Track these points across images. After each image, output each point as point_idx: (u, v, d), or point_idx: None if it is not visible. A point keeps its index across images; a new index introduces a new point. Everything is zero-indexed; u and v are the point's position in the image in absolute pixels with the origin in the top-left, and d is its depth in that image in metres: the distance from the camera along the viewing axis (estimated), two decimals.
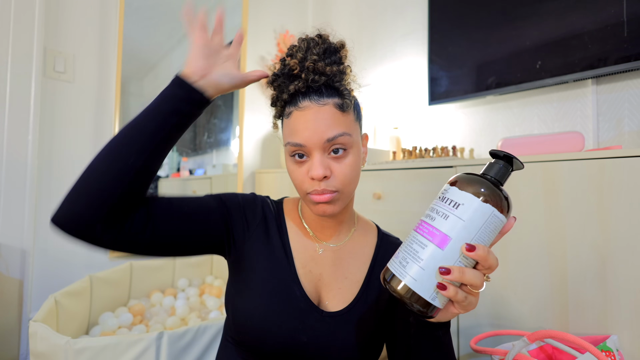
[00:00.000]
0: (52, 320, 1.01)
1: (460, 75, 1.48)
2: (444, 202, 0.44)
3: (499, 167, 0.45)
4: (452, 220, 0.42)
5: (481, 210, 0.42)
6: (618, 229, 0.83)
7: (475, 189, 0.43)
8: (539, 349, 0.88)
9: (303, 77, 0.58)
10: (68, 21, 1.41)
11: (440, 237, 0.42)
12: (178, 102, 0.56)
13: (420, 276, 0.43)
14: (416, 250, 0.44)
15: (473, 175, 0.45)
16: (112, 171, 0.51)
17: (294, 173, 0.60)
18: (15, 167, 1.24)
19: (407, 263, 0.44)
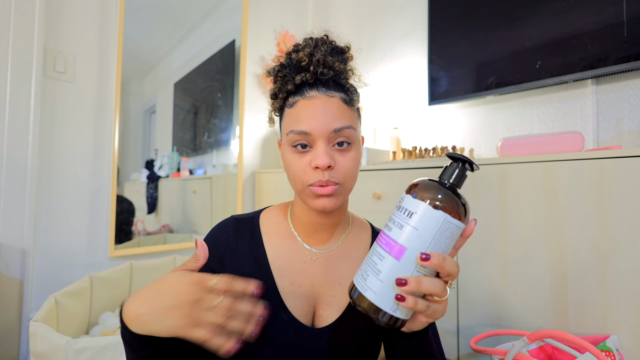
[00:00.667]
0: (52, 320, 1.01)
1: (460, 75, 1.48)
2: (400, 211, 0.44)
3: (453, 170, 0.44)
4: (406, 230, 0.42)
5: (434, 218, 0.41)
6: (618, 228, 0.83)
7: (427, 195, 0.42)
8: (538, 348, 0.88)
9: (312, 70, 0.59)
10: (68, 21, 1.41)
11: (397, 248, 0.42)
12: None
13: (380, 289, 0.42)
14: (375, 262, 0.43)
15: (427, 181, 0.44)
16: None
17: (294, 164, 0.58)
18: (15, 167, 1.24)
19: (368, 276, 0.44)
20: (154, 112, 1.70)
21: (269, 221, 0.67)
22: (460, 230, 0.42)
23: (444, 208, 0.41)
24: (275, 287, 0.61)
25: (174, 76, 1.76)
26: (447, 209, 0.41)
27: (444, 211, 0.41)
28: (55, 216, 1.38)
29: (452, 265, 0.41)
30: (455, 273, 0.41)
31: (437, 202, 0.41)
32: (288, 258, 0.64)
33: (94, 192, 1.47)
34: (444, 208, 0.41)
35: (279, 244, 0.65)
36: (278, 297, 0.61)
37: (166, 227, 1.72)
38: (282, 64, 0.61)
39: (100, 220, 1.48)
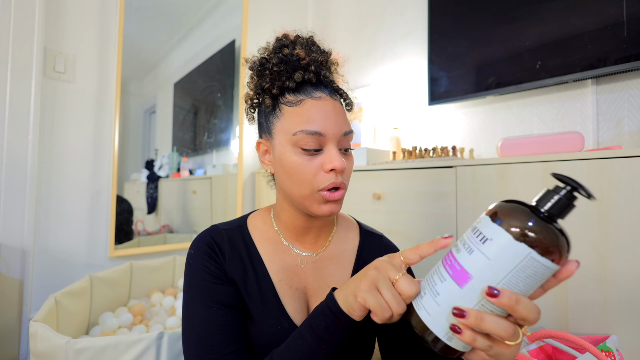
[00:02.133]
0: (52, 320, 1.01)
1: (460, 76, 1.48)
2: (473, 232, 0.37)
3: (557, 198, 0.35)
4: (476, 255, 0.35)
5: (512, 250, 0.33)
6: (618, 228, 0.83)
7: (510, 221, 0.34)
8: (538, 348, 0.88)
9: (313, 70, 0.57)
10: (68, 21, 1.41)
11: (461, 273, 0.36)
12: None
13: (435, 312, 0.37)
14: (435, 282, 0.38)
15: (516, 205, 0.36)
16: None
17: (303, 167, 0.55)
18: (15, 167, 1.24)
19: (425, 295, 0.39)
20: (154, 112, 1.70)
21: (256, 228, 0.66)
22: (550, 271, 0.34)
23: (530, 242, 0.33)
24: (275, 293, 0.61)
25: (174, 76, 1.76)
26: (534, 243, 0.33)
27: (530, 245, 0.33)
28: (55, 216, 1.38)
29: (529, 309, 0.34)
30: (532, 319, 0.34)
31: (520, 233, 0.33)
32: (282, 262, 0.63)
33: (94, 192, 1.47)
34: (530, 242, 0.33)
35: (271, 249, 0.64)
36: (279, 302, 0.60)
37: (166, 227, 1.72)
38: (280, 58, 0.58)
39: (100, 221, 1.48)
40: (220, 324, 0.55)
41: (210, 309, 0.56)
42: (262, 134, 0.64)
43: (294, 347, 0.48)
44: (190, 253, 0.61)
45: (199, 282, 0.58)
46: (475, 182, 1.08)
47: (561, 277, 0.35)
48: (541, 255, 0.33)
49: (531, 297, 0.36)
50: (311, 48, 0.60)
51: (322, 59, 0.59)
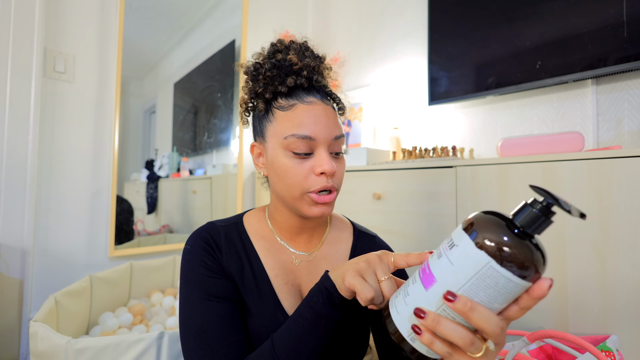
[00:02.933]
0: (52, 320, 1.01)
1: (460, 76, 1.48)
2: (447, 240, 0.37)
3: (532, 213, 0.33)
4: (443, 261, 0.36)
5: (473, 257, 0.33)
6: (618, 228, 0.83)
7: (478, 230, 0.34)
8: (538, 349, 0.88)
9: (305, 75, 0.59)
10: (68, 21, 1.41)
11: (428, 276, 0.37)
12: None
13: (402, 311, 0.39)
14: (408, 284, 0.40)
15: (489, 216, 0.35)
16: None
17: (293, 170, 0.57)
18: (15, 167, 1.24)
19: (398, 295, 0.41)
20: (154, 112, 1.70)
21: (252, 226, 0.67)
22: (519, 287, 0.33)
23: (490, 251, 0.33)
24: (272, 288, 0.62)
25: (174, 76, 1.76)
26: (496, 253, 0.33)
27: (489, 254, 0.33)
28: (55, 216, 1.38)
29: (486, 320, 0.33)
30: (491, 332, 0.33)
31: (483, 241, 0.33)
32: (277, 259, 0.64)
33: (94, 192, 1.47)
34: (491, 252, 0.33)
35: (267, 246, 0.65)
36: (275, 297, 0.61)
37: (166, 227, 1.72)
38: (273, 62, 0.60)
39: (100, 221, 1.48)
40: (220, 315, 0.56)
41: (209, 302, 0.57)
42: (256, 137, 0.65)
43: (294, 326, 0.50)
44: (186, 248, 0.62)
45: (196, 276, 0.59)
46: (475, 182, 1.08)
47: (534, 295, 0.34)
48: (503, 267, 0.32)
49: (505, 314, 0.35)
50: (304, 53, 0.61)
51: (314, 64, 0.60)
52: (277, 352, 0.50)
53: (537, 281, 0.33)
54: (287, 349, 0.49)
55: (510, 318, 0.36)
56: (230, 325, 0.56)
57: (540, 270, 0.33)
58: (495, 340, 0.35)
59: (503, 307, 0.35)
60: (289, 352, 0.49)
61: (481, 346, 0.35)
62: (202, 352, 0.53)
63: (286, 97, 0.59)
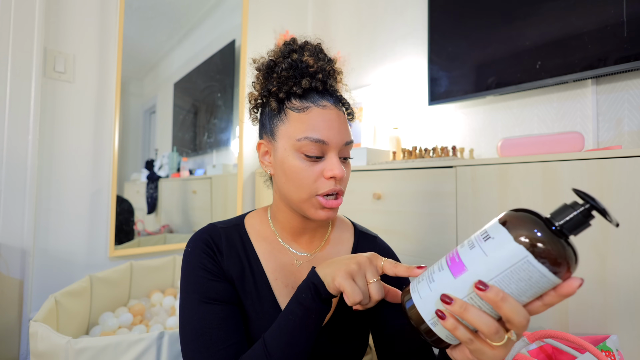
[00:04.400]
0: (52, 320, 1.01)
1: (460, 76, 1.48)
2: (480, 233, 0.38)
3: (572, 212, 0.35)
4: (475, 251, 0.37)
5: (510, 250, 0.34)
6: (618, 228, 0.83)
7: (516, 225, 0.35)
8: (538, 348, 0.88)
9: (320, 78, 0.59)
10: (68, 21, 1.41)
11: (458, 265, 0.38)
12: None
13: (426, 295, 0.40)
14: (433, 271, 0.41)
15: (527, 214, 0.36)
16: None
17: (304, 172, 0.57)
18: (15, 167, 1.24)
19: (422, 281, 0.42)
20: (154, 112, 1.70)
21: (254, 227, 0.67)
22: (550, 283, 0.34)
23: (529, 246, 0.34)
24: (271, 291, 0.62)
25: (174, 76, 1.76)
26: (534, 248, 0.34)
27: (527, 249, 0.34)
28: (55, 216, 1.38)
29: (516, 311, 0.34)
30: (518, 323, 0.34)
31: (522, 237, 0.34)
32: (278, 261, 0.64)
33: (94, 192, 1.47)
34: (530, 246, 0.34)
35: (268, 248, 0.65)
36: (275, 301, 0.61)
37: (166, 227, 1.72)
38: (290, 63, 0.59)
39: (100, 221, 1.48)
40: (219, 318, 0.56)
41: (208, 305, 0.57)
42: (264, 135, 0.64)
43: (285, 323, 0.51)
44: (187, 250, 0.62)
45: (196, 279, 0.59)
46: (475, 182, 1.08)
47: (562, 293, 0.35)
48: (540, 262, 0.33)
49: (528, 307, 0.36)
50: (319, 55, 0.61)
51: (329, 68, 0.60)
52: (270, 350, 0.50)
53: (567, 279, 0.35)
54: (280, 346, 0.50)
55: (531, 312, 0.36)
56: (229, 327, 0.56)
57: (572, 269, 0.34)
58: (519, 332, 0.36)
59: (529, 300, 0.36)
60: (282, 349, 0.49)
61: (504, 335, 0.36)
62: (200, 355, 0.53)
63: (300, 99, 0.59)
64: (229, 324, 0.56)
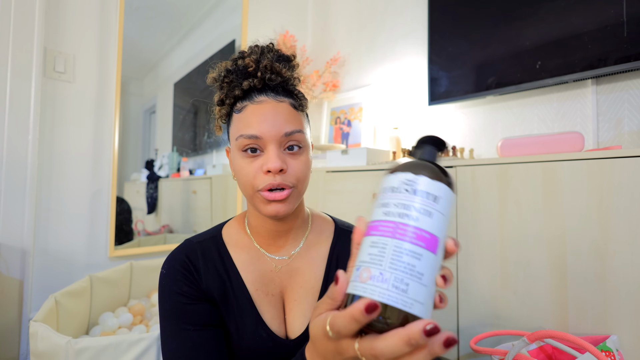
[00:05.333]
0: (52, 320, 1.01)
1: (460, 76, 1.48)
2: (419, 195, 0.34)
3: (431, 150, 0.40)
4: (436, 217, 0.34)
5: (451, 199, 0.36)
6: (618, 228, 0.83)
7: (436, 175, 0.36)
8: (538, 349, 0.88)
9: (259, 76, 0.59)
10: (68, 21, 1.41)
11: (432, 239, 0.33)
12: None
13: (426, 298, 0.32)
14: (414, 265, 0.32)
15: (425, 163, 0.38)
16: None
17: (244, 169, 0.57)
18: (15, 167, 1.24)
19: (409, 284, 0.31)
20: (154, 112, 1.70)
21: (231, 237, 0.66)
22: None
23: (452, 188, 0.37)
24: (253, 304, 0.61)
25: (174, 76, 1.76)
26: (452, 187, 0.37)
27: (453, 191, 0.37)
28: (55, 216, 1.38)
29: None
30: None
31: (450, 182, 0.37)
32: (257, 269, 0.63)
33: (94, 192, 1.47)
34: (452, 187, 0.37)
35: (247, 257, 0.64)
36: (256, 312, 0.61)
37: (166, 227, 1.72)
38: (229, 69, 0.60)
39: (100, 221, 1.48)
40: (197, 344, 0.55)
41: (185, 331, 0.56)
42: (229, 142, 0.66)
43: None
44: (162, 273, 0.61)
45: (173, 305, 0.58)
46: (475, 182, 1.08)
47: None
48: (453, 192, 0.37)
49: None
50: (267, 55, 0.60)
51: (267, 63, 0.59)
52: None
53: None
54: None
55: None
56: (209, 352, 0.55)
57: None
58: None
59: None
60: None
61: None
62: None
63: (241, 100, 0.59)
64: (209, 347, 0.55)
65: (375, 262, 0.32)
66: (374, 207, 0.37)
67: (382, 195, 0.37)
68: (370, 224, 0.36)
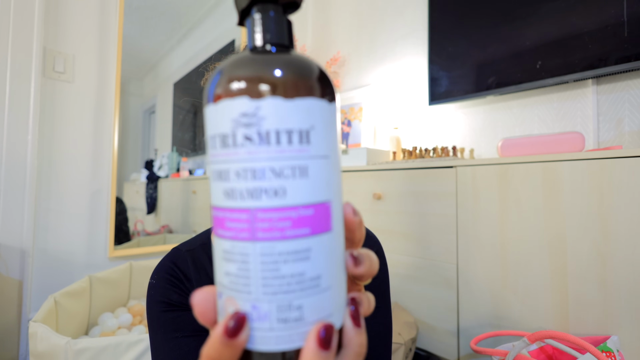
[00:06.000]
0: (52, 320, 1.01)
1: (460, 76, 1.48)
2: (274, 143, 0.20)
3: (274, 19, 0.24)
4: (317, 169, 0.21)
5: (334, 117, 0.22)
6: (618, 229, 0.83)
7: (308, 82, 0.21)
8: (539, 349, 0.88)
9: None
10: (68, 21, 1.41)
11: (319, 213, 0.21)
12: None
13: (337, 302, 0.23)
14: (301, 272, 0.20)
15: (271, 57, 0.22)
16: None
17: None
18: (15, 167, 1.24)
19: (302, 307, 0.21)
20: (153, 112, 1.70)
21: None
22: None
23: (334, 96, 0.22)
24: None
25: (174, 76, 1.76)
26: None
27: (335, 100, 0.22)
28: (55, 216, 1.37)
29: None
30: None
31: (327, 84, 0.22)
32: None
33: (93, 192, 1.46)
34: (334, 95, 0.22)
35: None
36: None
37: (166, 227, 1.71)
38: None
39: (99, 221, 1.47)
40: (188, 353, 0.54)
41: (175, 340, 0.55)
42: None
43: None
44: (151, 283, 0.59)
45: (159, 315, 0.56)
46: (476, 182, 1.08)
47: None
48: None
49: None
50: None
51: None
52: None
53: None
54: None
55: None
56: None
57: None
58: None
59: None
60: None
61: None
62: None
63: None
64: (197, 357, 0.54)
65: (240, 289, 0.20)
66: (210, 178, 0.22)
67: (212, 154, 0.21)
68: (214, 215, 0.21)
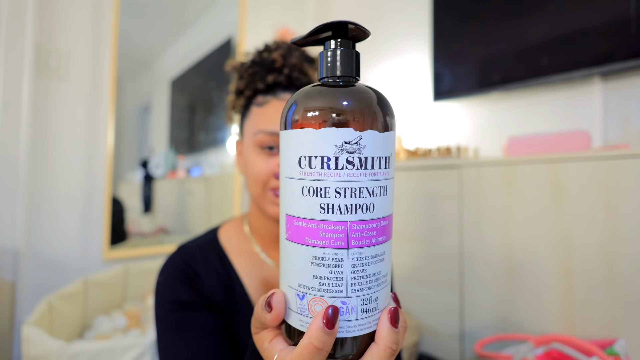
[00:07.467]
0: (45, 323, 1.00)
1: (464, 73, 1.46)
2: (370, 167, 0.23)
3: (334, 53, 0.25)
4: (390, 188, 0.25)
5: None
6: (626, 229, 0.81)
7: (388, 115, 0.25)
8: (545, 353, 0.86)
9: (285, 73, 0.58)
10: (62, 17, 1.38)
11: (389, 223, 0.25)
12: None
13: (388, 288, 0.26)
14: (379, 271, 0.24)
15: (367, 95, 0.25)
16: None
17: (257, 166, 0.55)
18: (7, 166, 1.21)
19: (378, 299, 0.24)
20: (149, 110, 1.67)
21: (230, 242, 0.63)
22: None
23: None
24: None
25: (170, 73, 1.73)
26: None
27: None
28: (48, 217, 1.35)
29: None
30: None
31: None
32: (259, 276, 0.61)
33: (87, 192, 1.44)
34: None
35: (247, 264, 0.61)
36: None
37: (162, 228, 1.69)
38: (254, 60, 0.59)
39: (94, 221, 1.45)
40: (197, 354, 0.52)
41: (184, 341, 0.53)
42: (239, 135, 0.65)
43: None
44: (159, 281, 0.57)
45: (168, 314, 0.54)
46: (480, 182, 1.06)
47: None
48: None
49: None
50: (293, 53, 0.60)
51: (296, 62, 0.58)
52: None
53: None
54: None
55: None
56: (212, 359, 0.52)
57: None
58: None
59: None
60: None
61: None
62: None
63: (263, 94, 0.58)
64: (210, 356, 0.52)
65: (331, 289, 0.22)
66: (286, 187, 0.24)
67: (304, 172, 0.23)
68: (300, 225, 0.23)
